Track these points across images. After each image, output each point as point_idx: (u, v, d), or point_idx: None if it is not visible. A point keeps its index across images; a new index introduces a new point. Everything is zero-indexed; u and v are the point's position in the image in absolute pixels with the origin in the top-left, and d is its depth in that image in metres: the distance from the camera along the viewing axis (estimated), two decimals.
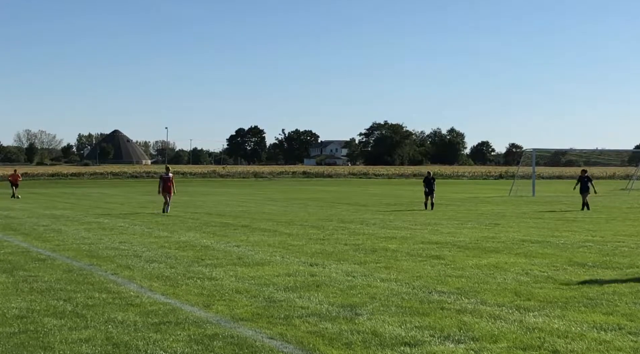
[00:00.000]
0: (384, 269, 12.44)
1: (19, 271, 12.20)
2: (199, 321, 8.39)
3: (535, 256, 14.26)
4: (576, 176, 37.79)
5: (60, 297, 9.87)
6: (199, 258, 13.86)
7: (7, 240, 17.33)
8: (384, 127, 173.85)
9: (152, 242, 16.62)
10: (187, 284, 10.88)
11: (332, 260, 13.61)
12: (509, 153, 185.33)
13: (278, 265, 12.92)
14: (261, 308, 9.17)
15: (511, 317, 8.59)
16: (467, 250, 15.21)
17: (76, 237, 17.79)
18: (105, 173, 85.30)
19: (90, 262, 13.29)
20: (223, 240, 17.22)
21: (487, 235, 18.40)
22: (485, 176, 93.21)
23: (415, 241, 17.04)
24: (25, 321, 8.43)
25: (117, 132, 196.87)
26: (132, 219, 23.95)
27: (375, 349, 7.23)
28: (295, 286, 10.68)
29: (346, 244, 16.27)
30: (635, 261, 13.47)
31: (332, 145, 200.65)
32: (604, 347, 7.26)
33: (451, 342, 7.47)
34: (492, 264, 13.06)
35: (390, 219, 24.09)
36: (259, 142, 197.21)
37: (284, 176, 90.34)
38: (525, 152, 60.87)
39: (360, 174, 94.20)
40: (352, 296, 9.96)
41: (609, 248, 15.47)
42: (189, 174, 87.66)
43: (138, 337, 7.67)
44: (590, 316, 8.64)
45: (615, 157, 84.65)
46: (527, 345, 7.32)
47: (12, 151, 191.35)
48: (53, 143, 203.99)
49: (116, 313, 8.86)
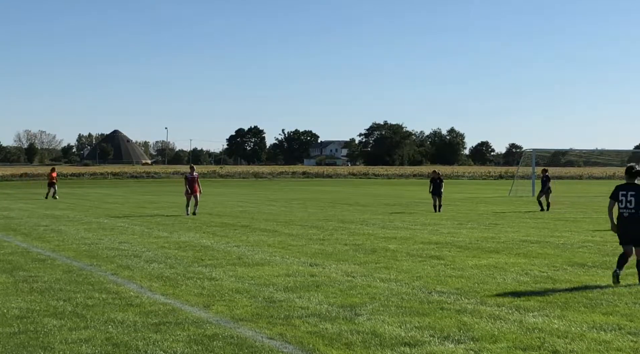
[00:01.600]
0: (384, 269, 12.44)
1: (19, 271, 12.20)
2: (199, 322, 8.39)
3: (535, 256, 14.26)
4: (576, 176, 37.66)
5: (60, 297, 9.87)
6: (199, 258, 13.86)
7: (7, 240, 17.33)
8: (383, 127, 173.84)
9: (152, 243, 16.63)
10: (187, 285, 10.88)
11: (332, 260, 13.61)
12: (508, 153, 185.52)
13: (278, 265, 12.93)
14: (261, 308, 9.17)
15: (511, 317, 8.60)
16: (466, 250, 15.21)
17: (76, 238, 17.79)
18: (105, 173, 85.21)
19: (90, 263, 13.30)
20: (223, 240, 17.22)
21: (486, 235, 18.40)
22: (485, 176, 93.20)
23: (415, 241, 17.04)
24: (25, 321, 8.43)
25: (117, 132, 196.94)
26: (132, 219, 23.95)
27: (375, 349, 7.24)
28: (295, 286, 10.69)
29: (346, 245, 16.27)
30: (634, 261, 13.44)
31: (332, 145, 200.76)
32: (604, 347, 7.26)
33: (451, 342, 7.47)
34: (492, 264, 13.06)
35: (390, 219, 24.09)
36: (258, 143, 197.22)
37: (284, 176, 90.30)
38: (525, 153, 60.89)
39: (360, 175, 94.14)
40: (352, 296, 9.96)
41: (609, 248, 15.47)
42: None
43: (138, 337, 7.68)
44: (590, 316, 8.64)
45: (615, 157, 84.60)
46: (527, 345, 7.33)
47: (12, 151, 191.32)
48: (53, 143, 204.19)
49: (116, 313, 8.87)
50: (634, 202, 10.95)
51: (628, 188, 11.11)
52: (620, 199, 11.12)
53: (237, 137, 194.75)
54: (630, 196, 11.02)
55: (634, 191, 11.01)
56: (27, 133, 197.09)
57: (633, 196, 10.98)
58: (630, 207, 10.99)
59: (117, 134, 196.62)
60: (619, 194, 11.14)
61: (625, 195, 11.07)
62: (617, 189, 11.28)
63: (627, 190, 11.10)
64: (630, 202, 11.00)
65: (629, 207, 11.00)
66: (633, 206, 10.95)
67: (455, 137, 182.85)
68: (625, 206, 11.06)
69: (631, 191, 11.04)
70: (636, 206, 10.92)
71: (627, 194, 11.06)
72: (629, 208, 11.00)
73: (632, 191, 11.04)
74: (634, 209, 10.93)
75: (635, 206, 10.93)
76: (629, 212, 11.00)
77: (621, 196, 11.12)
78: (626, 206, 11.04)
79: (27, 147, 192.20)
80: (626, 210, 11.04)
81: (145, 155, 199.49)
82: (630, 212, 10.98)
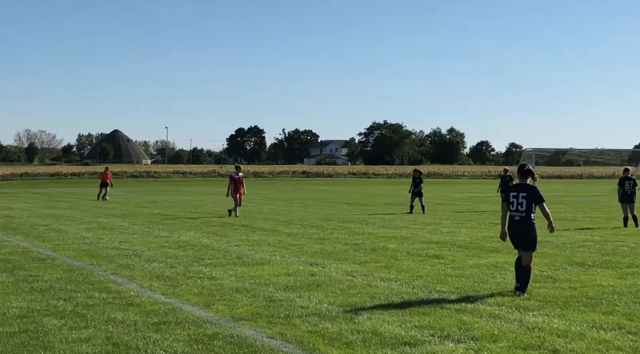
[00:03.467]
0: (384, 268, 12.44)
1: (19, 271, 12.21)
2: (199, 321, 8.39)
3: (535, 255, 14.21)
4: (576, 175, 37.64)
5: (61, 297, 9.88)
6: (199, 258, 13.87)
7: (7, 240, 17.33)
8: (383, 127, 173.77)
9: (152, 242, 16.63)
10: (187, 284, 10.89)
11: (332, 260, 13.61)
12: (508, 153, 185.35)
13: (278, 265, 12.93)
14: (261, 307, 9.18)
15: (511, 316, 8.60)
16: (466, 250, 15.22)
17: (76, 237, 17.79)
18: None
19: (90, 262, 13.30)
20: (223, 240, 17.22)
21: (486, 235, 18.41)
22: (485, 176, 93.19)
23: (415, 240, 17.05)
24: (25, 321, 8.43)
25: (117, 132, 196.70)
26: (132, 218, 23.95)
27: (375, 348, 7.24)
28: (295, 286, 10.69)
29: (346, 244, 16.27)
30: (635, 261, 13.48)
31: (332, 145, 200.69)
32: (604, 346, 7.27)
33: (451, 341, 7.47)
34: (492, 263, 13.07)
35: (390, 218, 24.10)
36: (259, 142, 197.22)
37: (284, 175, 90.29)
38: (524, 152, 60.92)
39: (360, 174, 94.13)
40: (352, 295, 9.97)
41: (608, 248, 15.48)
42: (189, 174, 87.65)
43: (138, 337, 7.68)
44: (590, 315, 8.65)
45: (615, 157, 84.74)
46: (527, 345, 7.33)
47: (12, 150, 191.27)
48: (53, 143, 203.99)
49: (116, 312, 8.87)
50: (525, 204, 9.94)
51: (519, 189, 10.09)
52: (511, 201, 10.07)
53: (237, 136, 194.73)
54: (521, 197, 9.98)
55: (525, 192, 9.99)
56: (27, 133, 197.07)
57: (524, 197, 9.95)
58: (521, 210, 9.99)
59: (117, 133, 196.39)
60: (510, 195, 10.12)
61: (517, 196, 10.03)
62: (508, 190, 10.30)
63: (518, 191, 10.07)
64: (521, 204, 9.97)
65: (520, 210, 9.99)
66: (524, 209, 9.95)
67: (455, 137, 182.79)
68: (516, 209, 10.03)
69: (522, 192, 10.01)
70: (527, 208, 9.94)
71: (519, 196, 10.01)
72: (520, 211, 9.99)
73: (524, 192, 10.01)
74: (525, 212, 9.96)
75: (526, 209, 9.94)
76: (520, 215, 10.00)
77: (512, 198, 10.07)
78: (517, 208, 10.02)
79: (27, 147, 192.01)
80: (517, 213, 10.03)
81: (145, 155, 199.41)
82: (522, 215, 9.99)
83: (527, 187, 10.06)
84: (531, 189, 10.02)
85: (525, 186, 10.09)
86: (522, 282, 9.99)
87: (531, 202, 9.94)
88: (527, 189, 10.04)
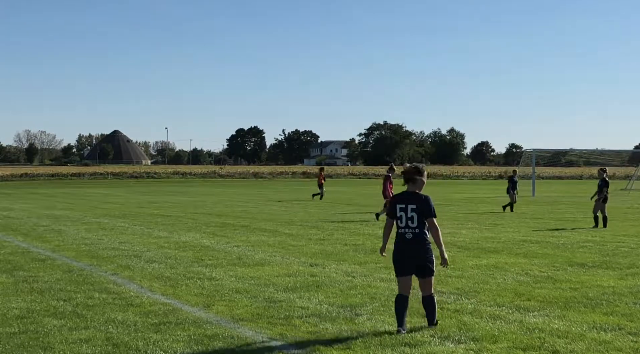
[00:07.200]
0: (384, 269, 12.43)
1: (19, 271, 12.20)
2: (199, 321, 8.39)
3: (535, 256, 14.25)
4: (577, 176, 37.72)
5: (60, 297, 9.87)
6: (199, 258, 13.86)
7: (7, 240, 17.32)
8: (383, 127, 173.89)
9: (152, 243, 16.62)
10: (187, 285, 10.88)
11: (332, 260, 13.61)
12: (508, 153, 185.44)
13: (278, 265, 12.92)
14: (261, 308, 9.17)
15: (511, 317, 8.60)
16: (466, 250, 15.21)
17: (76, 238, 17.79)
18: (105, 173, 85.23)
19: (91, 263, 13.29)
20: (223, 240, 17.21)
21: (487, 235, 18.40)
22: (485, 176, 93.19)
23: None
24: (25, 321, 8.43)
25: (117, 133, 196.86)
26: (132, 219, 23.94)
27: (375, 349, 7.23)
28: (295, 287, 10.68)
29: (346, 244, 16.27)
30: (635, 261, 13.47)
31: (332, 145, 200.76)
32: (604, 347, 7.26)
33: (451, 342, 7.47)
34: (492, 264, 13.06)
35: None
36: (258, 143, 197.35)
37: (284, 176, 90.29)
38: (525, 153, 60.92)
39: (360, 174, 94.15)
40: (352, 296, 9.96)
41: (609, 248, 15.47)
42: (188, 174, 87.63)
43: (138, 337, 7.68)
44: (590, 316, 8.64)
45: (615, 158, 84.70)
46: (527, 345, 7.33)
47: (12, 151, 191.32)
48: (53, 143, 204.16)
49: (116, 313, 8.86)
50: (417, 219, 7.89)
51: (408, 200, 7.97)
52: (399, 216, 7.96)
53: (237, 137, 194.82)
54: (411, 210, 7.90)
55: (414, 204, 7.92)
56: (27, 133, 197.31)
57: (414, 210, 7.89)
58: (412, 226, 7.89)
59: (117, 134, 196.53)
60: (397, 208, 8.00)
61: (405, 209, 7.93)
62: (393, 202, 8.13)
63: (406, 203, 7.95)
64: (411, 219, 7.89)
65: (411, 226, 7.89)
66: (416, 225, 7.89)
67: (455, 137, 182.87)
68: (405, 225, 7.92)
69: (411, 204, 7.92)
70: (419, 223, 7.89)
71: (407, 209, 7.92)
72: (411, 227, 7.89)
73: (413, 203, 7.92)
74: (418, 228, 7.89)
75: (418, 224, 7.89)
76: (413, 232, 7.89)
77: (399, 212, 7.96)
78: (407, 224, 7.91)
79: (27, 147, 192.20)
80: (408, 230, 7.91)
81: (145, 155, 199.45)
82: (414, 232, 7.89)
83: (417, 197, 7.98)
84: (422, 200, 7.95)
85: (415, 196, 8.00)
86: (431, 315, 8.13)
87: (423, 217, 7.93)
88: (417, 199, 7.97)
